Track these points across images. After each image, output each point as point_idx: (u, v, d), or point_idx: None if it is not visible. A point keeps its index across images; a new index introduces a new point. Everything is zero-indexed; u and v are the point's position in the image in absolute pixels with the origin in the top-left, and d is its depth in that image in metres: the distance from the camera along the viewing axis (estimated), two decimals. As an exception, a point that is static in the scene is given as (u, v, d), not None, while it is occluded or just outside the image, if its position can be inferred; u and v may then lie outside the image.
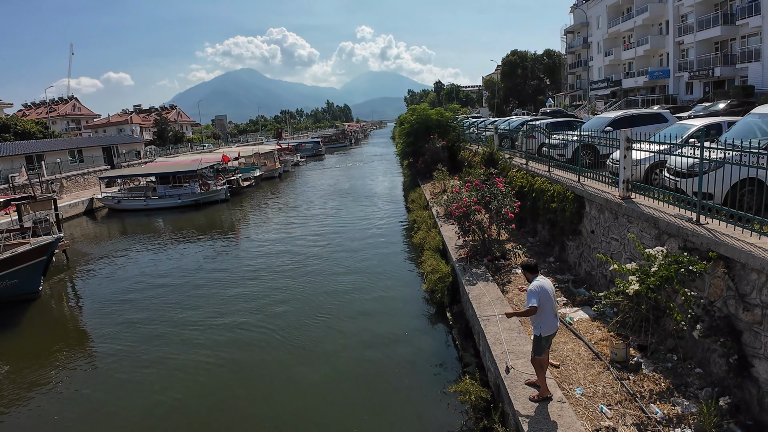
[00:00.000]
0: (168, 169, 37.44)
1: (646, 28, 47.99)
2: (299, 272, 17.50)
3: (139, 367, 11.39)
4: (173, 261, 20.77)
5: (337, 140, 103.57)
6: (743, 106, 24.25)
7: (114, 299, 16.22)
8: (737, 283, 6.42)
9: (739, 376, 6.32)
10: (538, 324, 6.58)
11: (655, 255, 7.39)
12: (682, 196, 8.26)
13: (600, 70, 59.08)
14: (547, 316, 6.53)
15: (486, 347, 8.66)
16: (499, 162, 17.93)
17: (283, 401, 9.70)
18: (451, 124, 29.22)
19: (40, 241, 16.62)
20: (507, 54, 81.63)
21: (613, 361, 7.51)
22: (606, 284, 9.89)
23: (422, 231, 17.59)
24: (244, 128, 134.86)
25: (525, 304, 6.71)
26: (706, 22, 38.37)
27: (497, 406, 7.50)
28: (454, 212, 13.42)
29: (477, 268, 12.21)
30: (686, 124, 12.11)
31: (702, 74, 39.49)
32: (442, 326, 12.10)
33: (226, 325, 13.37)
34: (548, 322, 6.56)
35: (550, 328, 6.59)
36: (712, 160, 7.46)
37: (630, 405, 6.52)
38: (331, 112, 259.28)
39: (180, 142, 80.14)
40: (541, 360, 6.71)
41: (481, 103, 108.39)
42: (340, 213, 28.82)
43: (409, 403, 9.19)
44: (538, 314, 6.48)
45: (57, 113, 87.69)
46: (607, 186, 10.77)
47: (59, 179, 39.33)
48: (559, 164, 14.24)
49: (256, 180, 44.06)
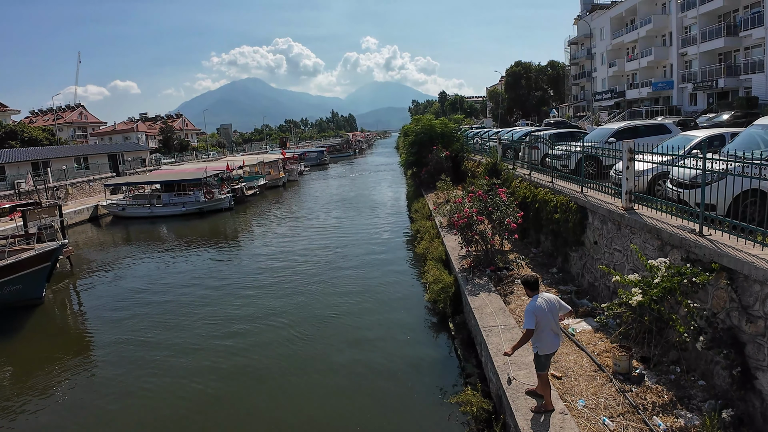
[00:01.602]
0: (173, 177, 37.68)
1: (649, 39, 48.16)
2: (301, 281, 17.51)
3: (140, 376, 11.39)
4: (176, 269, 20.82)
5: (341, 150, 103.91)
6: (747, 117, 24.22)
7: (117, 306, 16.25)
8: (740, 295, 6.39)
9: (743, 388, 6.28)
10: (535, 343, 6.50)
11: (658, 266, 7.37)
12: (685, 207, 8.24)
13: (604, 81, 59.22)
14: (546, 335, 6.43)
15: (488, 358, 8.63)
16: (502, 172, 17.95)
17: (284, 411, 9.67)
18: (455, 135, 29.30)
19: (44, 247, 16.71)
20: (511, 65, 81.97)
21: (615, 373, 7.46)
22: (609, 295, 9.86)
23: (425, 241, 17.59)
24: (248, 137, 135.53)
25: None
26: (710, 34, 38.48)
27: (499, 418, 7.46)
28: (457, 222, 13.42)
29: (480, 279, 12.19)
30: (689, 135, 12.11)
31: (706, 85, 39.53)
32: (444, 336, 12.06)
33: (227, 333, 13.37)
34: (547, 340, 6.45)
35: (550, 346, 6.49)
36: (715, 171, 7.45)
37: (633, 417, 6.47)
38: (336, 122, 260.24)
39: (185, 151, 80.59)
40: (544, 375, 6.66)
41: (485, 114, 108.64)
42: (343, 222, 28.87)
43: (411, 414, 9.15)
44: (536, 333, 6.40)
45: (64, 120, 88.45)
46: (610, 197, 10.76)
47: (65, 186, 39.57)
48: (562, 175, 14.25)
49: (260, 189, 44.20)
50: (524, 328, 6.47)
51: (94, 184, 43.26)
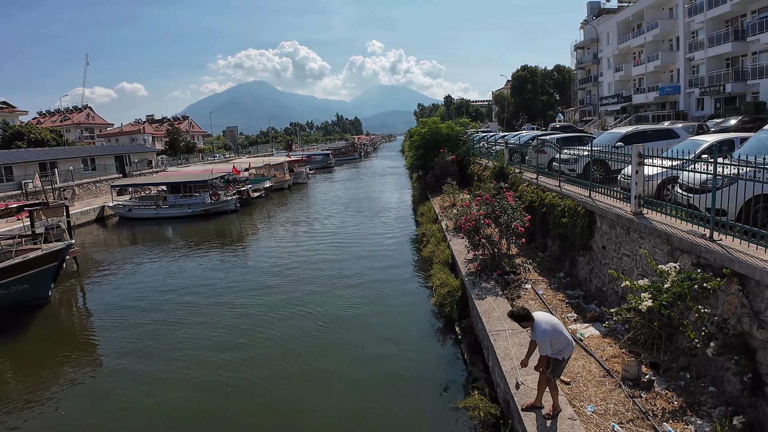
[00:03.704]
0: (179, 178, 37.78)
1: (656, 44, 48.01)
2: (306, 284, 17.49)
3: (144, 377, 11.39)
4: (182, 270, 20.86)
5: (346, 153, 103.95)
6: (755, 122, 24.08)
7: (122, 307, 16.29)
8: (751, 301, 6.33)
9: (754, 395, 6.21)
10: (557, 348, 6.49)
11: (668, 271, 7.32)
12: (695, 212, 8.19)
13: (610, 86, 59.06)
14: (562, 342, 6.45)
15: (495, 362, 8.59)
16: (509, 176, 17.92)
17: (290, 414, 9.64)
18: (461, 138, 29.30)
19: (51, 248, 16.77)
20: (517, 69, 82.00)
21: (624, 379, 7.41)
22: (617, 300, 9.80)
23: (431, 244, 17.55)
24: (254, 140, 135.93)
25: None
26: (717, 39, 38.33)
27: (506, 422, 7.42)
28: (463, 226, 13.39)
29: (486, 283, 12.15)
30: (698, 139, 12.05)
31: (713, 90, 39.36)
32: (451, 340, 12.01)
33: (232, 335, 13.37)
34: (567, 350, 6.52)
35: (569, 350, 6.55)
36: (725, 176, 7.40)
37: (642, 423, 6.42)
38: (341, 125, 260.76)
39: (191, 153, 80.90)
40: (554, 380, 6.64)
41: (491, 118, 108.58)
42: (349, 225, 28.87)
43: (417, 418, 9.11)
44: (558, 348, 6.41)
45: (71, 122, 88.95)
46: (619, 201, 10.71)
47: (71, 186, 39.79)
48: (569, 179, 14.20)
49: (266, 191, 44.29)
50: (542, 354, 6.36)
51: (100, 185, 43.48)
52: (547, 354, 6.32)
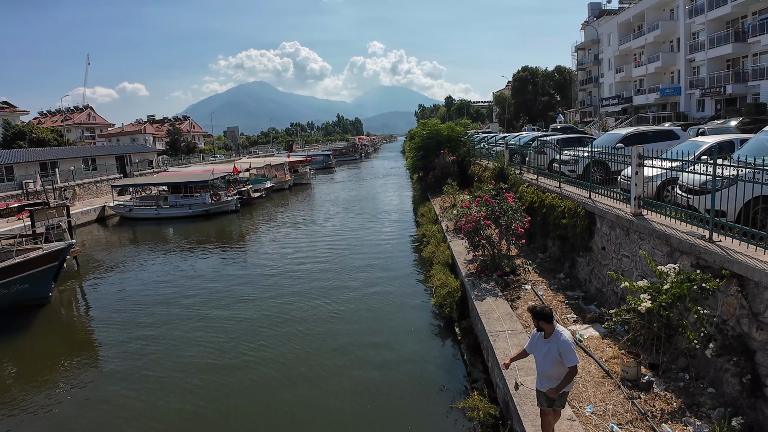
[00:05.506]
0: (180, 179, 37.84)
1: (657, 45, 48.01)
2: (306, 284, 17.51)
3: (145, 377, 11.41)
4: (182, 270, 20.88)
5: (347, 153, 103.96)
6: (755, 123, 24.07)
7: (123, 307, 16.31)
8: (751, 302, 6.34)
9: (753, 396, 6.22)
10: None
11: (667, 272, 7.33)
12: (695, 214, 8.19)
13: (611, 87, 59.06)
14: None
15: (495, 363, 8.59)
16: (509, 177, 17.92)
17: (290, 415, 9.66)
18: (461, 139, 29.28)
19: (52, 247, 16.79)
20: (518, 70, 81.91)
21: (624, 380, 7.41)
22: (617, 301, 9.80)
23: (431, 245, 17.55)
24: (255, 140, 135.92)
25: (564, 360, 5.55)
26: (718, 40, 38.31)
27: (506, 423, 7.42)
28: (464, 227, 13.39)
29: (486, 283, 12.16)
30: (698, 141, 12.05)
31: (713, 91, 39.34)
32: (450, 341, 12.03)
33: (233, 335, 13.38)
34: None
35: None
36: (725, 177, 7.41)
37: (641, 424, 6.42)
38: (342, 126, 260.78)
39: (192, 153, 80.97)
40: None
41: (492, 119, 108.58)
42: (349, 225, 28.89)
43: (416, 419, 9.11)
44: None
45: (72, 122, 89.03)
46: (619, 202, 10.71)
47: (72, 186, 39.84)
48: (569, 180, 14.21)
49: (267, 191, 44.32)
50: (570, 365, 5.54)
51: (101, 185, 43.53)
52: (576, 364, 5.57)
